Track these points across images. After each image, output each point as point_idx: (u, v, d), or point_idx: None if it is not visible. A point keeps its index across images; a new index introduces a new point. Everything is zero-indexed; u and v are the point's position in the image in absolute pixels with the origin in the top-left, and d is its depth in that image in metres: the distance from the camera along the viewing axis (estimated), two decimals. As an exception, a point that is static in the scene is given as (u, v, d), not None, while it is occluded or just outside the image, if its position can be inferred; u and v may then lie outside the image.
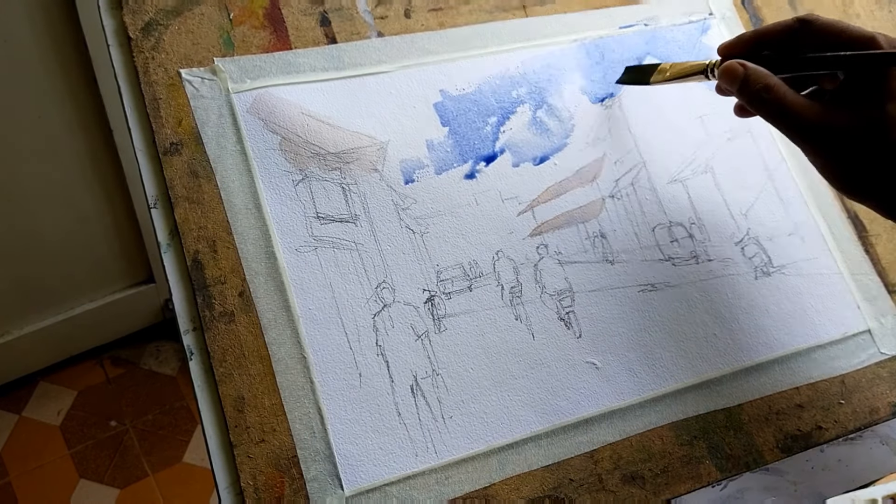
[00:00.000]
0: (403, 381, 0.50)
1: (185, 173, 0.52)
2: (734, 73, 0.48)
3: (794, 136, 0.47)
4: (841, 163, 0.46)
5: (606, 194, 0.58)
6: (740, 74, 0.48)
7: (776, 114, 0.47)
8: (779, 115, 0.47)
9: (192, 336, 0.49)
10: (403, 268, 0.53)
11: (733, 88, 0.48)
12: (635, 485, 0.51)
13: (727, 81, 0.49)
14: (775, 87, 0.46)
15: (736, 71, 0.48)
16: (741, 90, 0.48)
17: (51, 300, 1.30)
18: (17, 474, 1.32)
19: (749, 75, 0.47)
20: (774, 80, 0.47)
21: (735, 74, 0.48)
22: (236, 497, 0.46)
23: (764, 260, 0.59)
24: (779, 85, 0.47)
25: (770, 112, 0.47)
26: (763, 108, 0.47)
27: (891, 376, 0.57)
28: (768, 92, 0.46)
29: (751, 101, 0.48)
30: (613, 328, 0.54)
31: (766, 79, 0.47)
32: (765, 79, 0.47)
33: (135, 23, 0.54)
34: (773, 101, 0.46)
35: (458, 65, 0.59)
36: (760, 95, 0.47)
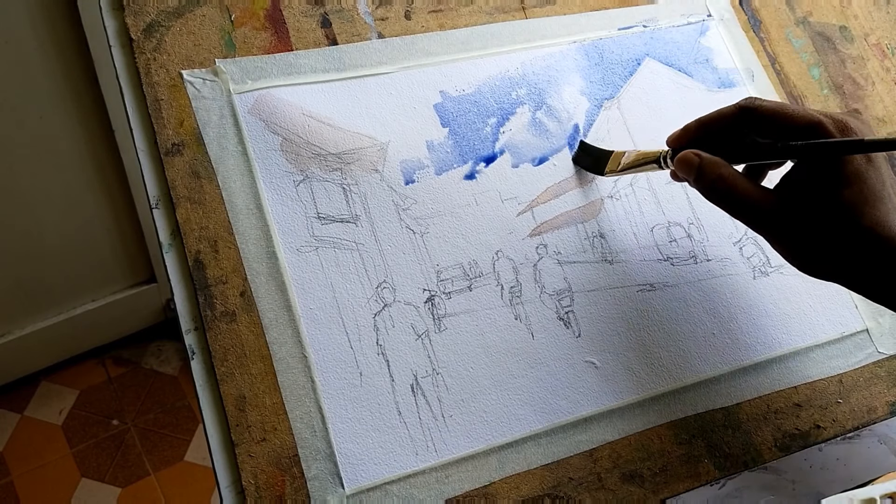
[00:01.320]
0: (404, 381, 0.50)
1: (187, 174, 0.52)
2: (689, 163, 0.48)
3: (751, 226, 0.47)
4: (800, 249, 0.46)
5: (605, 195, 0.58)
6: (695, 164, 0.48)
7: (731, 205, 0.47)
8: (734, 207, 0.47)
9: (194, 335, 0.49)
10: (404, 268, 0.53)
11: (689, 178, 0.49)
12: (634, 483, 0.51)
13: (683, 171, 0.49)
14: (729, 178, 0.47)
15: (691, 161, 0.48)
16: (697, 179, 0.48)
17: (52, 300, 1.30)
18: (18, 473, 1.32)
19: (703, 165, 0.48)
20: (728, 171, 0.47)
21: (690, 164, 0.48)
22: (237, 496, 0.46)
23: (762, 260, 0.59)
24: (733, 175, 0.47)
25: (725, 203, 0.47)
26: (717, 198, 0.47)
27: (888, 375, 0.57)
28: (722, 182, 0.47)
29: (706, 190, 0.48)
30: (612, 328, 0.55)
31: (718, 168, 0.47)
32: (718, 168, 0.47)
33: (136, 24, 0.54)
34: (726, 193, 0.47)
35: (457, 66, 0.59)
36: (714, 186, 0.47)
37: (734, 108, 0.49)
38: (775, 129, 0.47)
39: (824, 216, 0.45)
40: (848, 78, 0.67)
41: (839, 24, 0.68)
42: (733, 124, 0.49)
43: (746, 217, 0.47)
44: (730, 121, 0.49)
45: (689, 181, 0.49)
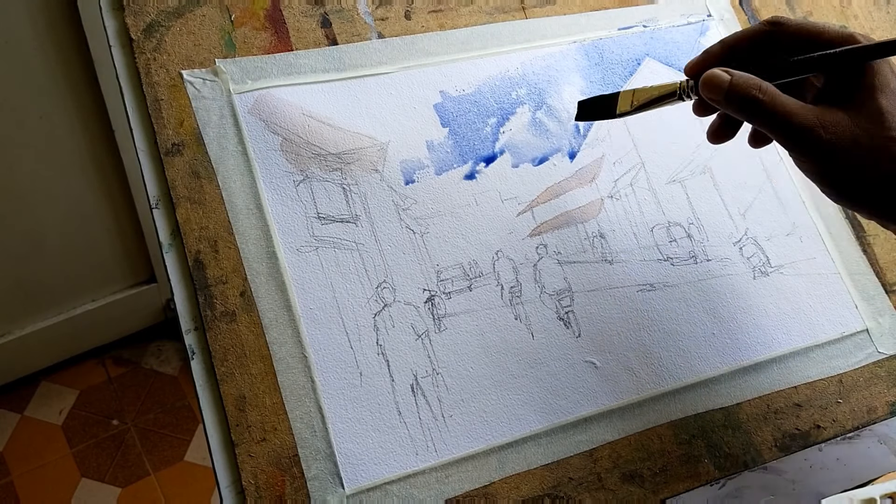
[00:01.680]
0: (404, 381, 0.50)
1: (187, 174, 0.52)
2: (718, 81, 0.45)
3: (790, 141, 0.44)
4: (838, 165, 0.44)
5: (605, 194, 0.58)
6: (725, 82, 0.44)
7: (771, 119, 0.44)
8: (773, 121, 0.44)
9: (194, 335, 0.49)
10: (404, 268, 0.53)
11: (719, 98, 0.45)
12: (634, 483, 0.51)
13: (711, 92, 0.45)
14: (767, 91, 0.43)
15: (720, 78, 0.44)
16: (729, 98, 0.44)
17: (53, 300, 1.30)
18: (19, 473, 1.32)
19: (735, 82, 0.44)
20: (765, 84, 0.44)
21: (719, 83, 0.44)
22: (237, 496, 0.46)
23: (762, 260, 0.59)
24: (770, 88, 0.44)
25: (764, 118, 0.44)
26: (755, 114, 0.44)
27: (888, 375, 0.57)
28: (761, 92, 0.44)
29: (741, 108, 0.44)
30: (612, 328, 0.55)
31: (756, 81, 0.44)
32: (755, 81, 0.44)
33: (136, 24, 0.54)
34: (766, 103, 0.43)
35: (457, 66, 0.59)
36: (753, 97, 0.44)
37: (761, 26, 0.46)
38: (803, 47, 0.45)
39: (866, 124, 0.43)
40: (848, 78, 0.67)
41: (839, 24, 0.68)
42: (760, 45, 0.46)
43: (787, 131, 0.43)
44: (756, 39, 0.46)
45: (719, 102, 0.45)
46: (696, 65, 0.48)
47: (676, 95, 0.48)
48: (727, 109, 0.45)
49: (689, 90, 0.47)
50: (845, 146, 0.43)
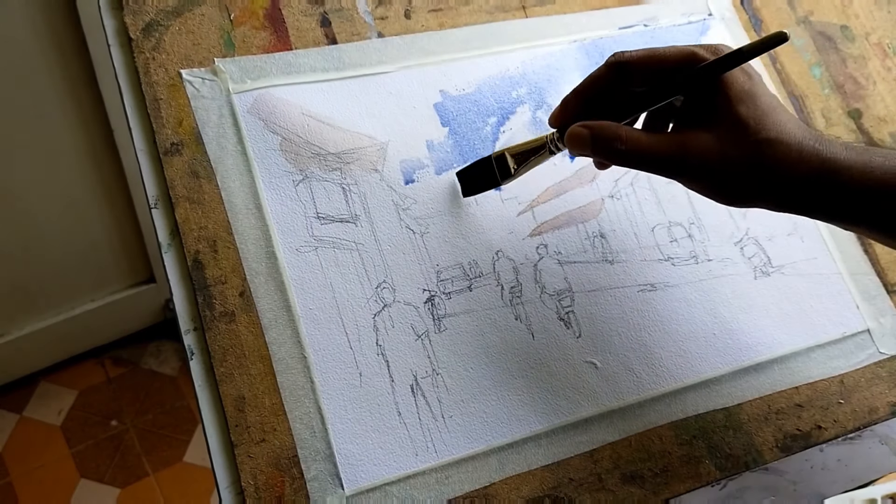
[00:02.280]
0: (403, 381, 0.50)
1: (186, 173, 0.52)
2: (580, 137, 0.46)
3: (664, 173, 0.46)
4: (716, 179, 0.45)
5: (606, 194, 0.58)
6: (586, 136, 0.46)
7: (637, 160, 0.45)
8: (640, 161, 0.45)
9: (193, 336, 0.49)
10: (403, 268, 0.53)
11: (586, 152, 0.46)
12: (635, 484, 0.51)
13: (576, 147, 0.46)
14: (626, 136, 0.45)
15: (581, 135, 0.46)
16: (594, 150, 0.46)
17: (51, 300, 1.30)
18: (17, 474, 1.32)
19: (595, 134, 0.45)
20: (623, 130, 0.45)
21: (581, 138, 0.46)
22: (237, 496, 0.46)
23: (763, 260, 0.59)
24: (629, 131, 0.45)
25: (630, 161, 0.45)
26: (622, 159, 0.46)
27: (890, 376, 0.57)
28: (621, 143, 0.45)
29: (608, 157, 0.46)
30: (613, 328, 0.54)
31: (614, 131, 0.45)
32: (613, 131, 0.45)
33: (135, 23, 0.54)
34: (629, 151, 0.45)
35: (457, 65, 0.59)
36: (614, 149, 0.45)
37: (603, 67, 0.47)
38: (651, 76, 0.46)
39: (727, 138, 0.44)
40: (849, 77, 0.67)
41: (840, 24, 0.68)
42: (610, 84, 0.47)
43: (656, 166, 0.45)
44: (605, 81, 0.47)
45: (588, 155, 0.47)
46: (557, 116, 0.49)
47: (547, 149, 0.50)
48: (597, 158, 0.47)
49: (556, 142, 0.49)
50: (716, 162, 0.44)
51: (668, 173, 0.46)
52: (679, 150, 0.44)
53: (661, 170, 0.46)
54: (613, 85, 0.47)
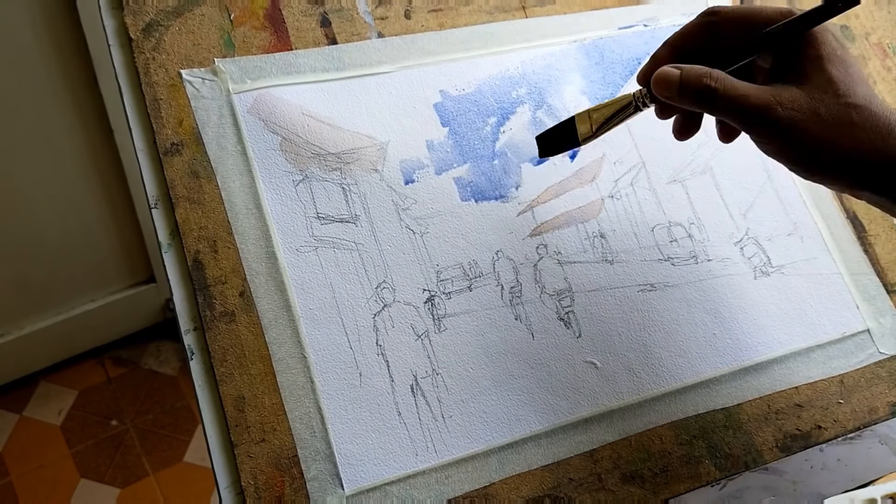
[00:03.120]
0: (403, 381, 0.50)
1: (186, 173, 0.52)
2: (669, 78, 0.45)
3: (749, 123, 0.44)
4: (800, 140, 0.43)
5: (606, 194, 0.58)
6: (675, 76, 0.44)
7: (726, 105, 0.44)
8: (729, 106, 0.44)
9: (193, 336, 0.49)
10: (403, 268, 0.53)
11: (672, 94, 0.45)
12: (635, 484, 0.51)
13: (664, 89, 0.45)
14: (718, 78, 0.43)
15: (670, 74, 0.45)
16: (682, 92, 0.44)
17: (52, 300, 1.30)
18: (18, 474, 1.32)
19: (685, 74, 0.44)
20: (714, 72, 0.44)
21: (670, 79, 0.45)
22: (237, 496, 0.46)
23: (763, 260, 0.59)
24: (720, 74, 0.44)
25: (719, 105, 0.44)
26: (710, 102, 0.44)
27: (890, 376, 0.57)
28: (712, 80, 0.44)
29: (696, 99, 0.44)
30: (613, 328, 0.54)
31: (705, 70, 0.44)
32: (704, 70, 0.44)
33: (136, 23, 0.54)
34: (719, 90, 0.43)
35: (457, 65, 0.59)
36: (705, 86, 0.43)
37: (699, 18, 0.46)
38: (744, 32, 0.45)
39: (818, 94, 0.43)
40: (849, 77, 0.67)
41: (840, 24, 0.68)
42: (703, 38, 0.46)
43: (743, 114, 0.43)
44: (696, 35, 0.47)
45: (673, 97, 0.45)
46: (647, 72, 0.48)
47: (633, 106, 0.48)
48: (682, 103, 0.45)
49: (644, 98, 0.47)
50: (805, 120, 0.43)
51: (752, 124, 0.44)
52: (770, 99, 0.43)
53: (747, 118, 0.44)
54: (705, 38, 0.46)
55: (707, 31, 0.46)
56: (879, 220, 0.62)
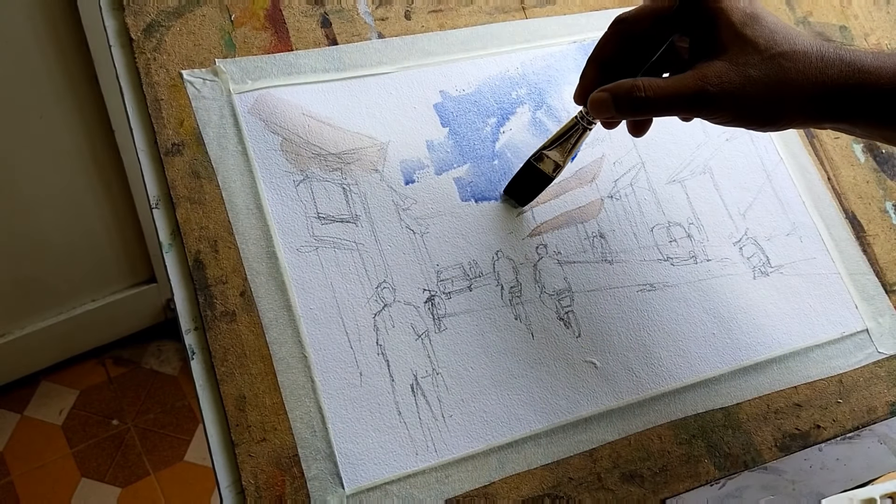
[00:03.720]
0: (404, 381, 0.50)
1: (187, 174, 0.52)
2: (601, 101, 0.47)
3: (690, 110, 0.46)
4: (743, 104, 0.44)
5: (605, 195, 0.58)
6: (607, 98, 0.46)
7: (661, 104, 0.45)
8: (664, 104, 0.45)
9: (194, 335, 0.49)
10: (404, 268, 0.53)
11: (611, 112, 0.47)
12: (634, 483, 0.51)
13: (601, 111, 0.47)
14: (644, 84, 0.45)
15: (601, 98, 0.47)
16: (618, 108, 0.46)
17: (53, 300, 1.30)
18: (18, 473, 1.32)
19: (615, 93, 0.46)
20: (640, 80, 0.46)
21: (603, 101, 0.47)
22: (237, 496, 0.46)
23: (762, 260, 0.59)
24: (646, 80, 0.45)
25: (654, 106, 0.45)
26: (646, 107, 0.46)
27: (888, 375, 0.57)
28: (640, 90, 0.45)
29: (632, 110, 0.46)
30: (612, 328, 0.55)
31: (631, 83, 0.46)
32: (630, 83, 0.46)
33: (136, 24, 0.54)
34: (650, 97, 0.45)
35: (457, 66, 0.59)
36: (636, 98, 0.45)
37: (610, 30, 0.48)
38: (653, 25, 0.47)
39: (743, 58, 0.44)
40: (848, 78, 0.67)
41: (839, 24, 0.68)
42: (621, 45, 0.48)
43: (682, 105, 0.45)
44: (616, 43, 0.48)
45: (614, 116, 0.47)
46: (581, 93, 0.50)
47: (581, 127, 0.51)
48: (624, 117, 0.48)
49: (588, 117, 0.50)
50: (739, 86, 0.44)
51: (693, 109, 0.46)
52: (698, 82, 0.44)
53: (685, 107, 0.45)
54: (623, 45, 0.48)
55: (622, 38, 0.48)
56: (878, 220, 0.62)
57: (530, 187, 0.55)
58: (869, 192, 0.63)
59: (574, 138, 0.52)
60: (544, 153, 0.53)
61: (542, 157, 0.54)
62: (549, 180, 0.54)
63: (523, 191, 0.55)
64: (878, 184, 0.64)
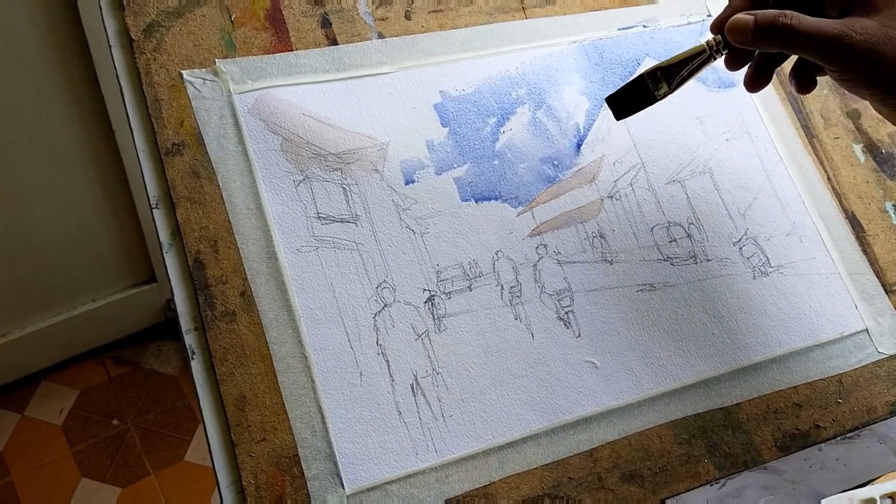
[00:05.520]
0: (404, 380, 0.50)
1: (187, 174, 0.52)
2: (744, 22, 0.46)
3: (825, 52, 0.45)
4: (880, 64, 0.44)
5: (605, 195, 0.59)
6: (749, 22, 0.46)
7: (802, 37, 0.45)
8: (804, 39, 0.45)
9: (194, 335, 0.49)
10: (404, 268, 0.53)
11: (747, 38, 0.46)
12: (634, 483, 0.51)
13: (739, 34, 0.47)
14: (792, 15, 0.45)
15: (744, 20, 0.46)
16: (757, 34, 0.46)
17: (53, 300, 1.30)
18: (19, 473, 1.32)
19: (760, 18, 0.46)
20: (788, 11, 0.46)
21: (745, 23, 0.46)
22: (238, 496, 0.46)
23: (762, 260, 0.59)
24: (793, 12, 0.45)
25: (795, 39, 0.45)
26: (786, 39, 0.45)
27: (888, 375, 0.58)
28: (786, 17, 0.45)
29: (771, 38, 0.46)
30: (612, 328, 0.55)
31: (779, 11, 0.46)
32: (777, 11, 0.46)
33: (136, 24, 0.54)
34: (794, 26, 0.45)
35: (458, 66, 0.59)
36: (780, 24, 0.45)
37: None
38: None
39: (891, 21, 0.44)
40: (848, 78, 0.67)
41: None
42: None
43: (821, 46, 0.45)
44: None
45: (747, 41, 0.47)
46: (721, 20, 0.49)
47: (707, 55, 0.49)
48: (758, 46, 0.47)
49: (717, 46, 0.49)
50: (879, 42, 0.44)
51: (829, 53, 0.45)
52: (844, 27, 0.45)
53: (824, 48, 0.45)
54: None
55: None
56: (878, 220, 0.62)
57: (634, 102, 0.53)
58: (869, 192, 0.63)
59: (695, 65, 0.50)
60: (659, 70, 0.51)
61: (656, 76, 0.51)
62: (655, 101, 0.52)
63: (626, 104, 0.53)
64: (878, 184, 0.64)
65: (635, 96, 0.52)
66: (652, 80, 0.51)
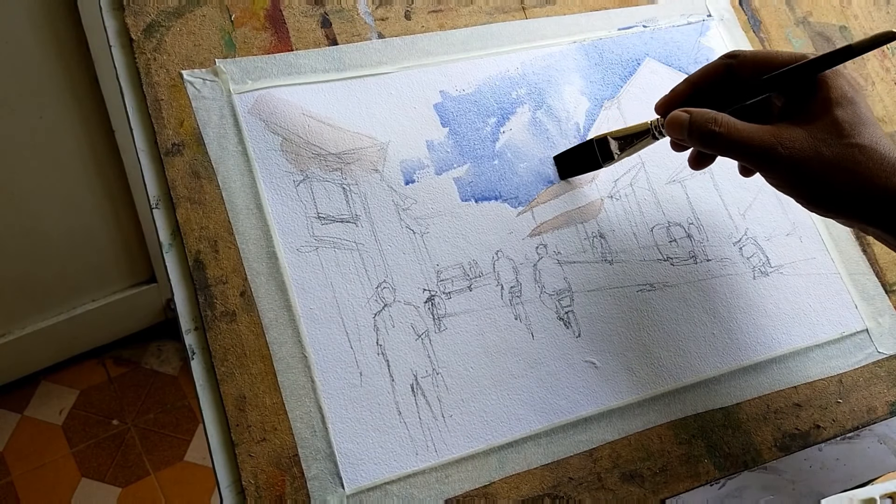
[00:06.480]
0: (404, 380, 0.50)
1: (187, 174, 0.52)
2: (679, 120, 0.48)
3: (754, 162, 0.46)
4: (806, 177, 0.45)
5: (605, 195, 0.59)
6: (685, 120, 0.48)
7: (730, 145, 0.46)
8: (733, 146, 0.46)
9: (194, 335, 0.49)
10: (404, 268, 0.53)
11: (683, 136, 0.48)
12: (634, 483, 0.51)
13: (675, 131, 0.48)
14: (723, 122, 0.46)
15: (680, 118, 0.48)
16: (690, 134, 0.47)
17: (53, 300, 1.30)
18: (19, 473, 1.32)
19: (693, 119, 0.47)
20: (720, 116, 0.47)
21: (680, 121, 0.48)
22: (237, 496, 0.46)
23: (762, 260, 0.59)
24: (725, 117, 0.47)
25: (723, 145, 0.46)
26: (715, 143, 0.47)
27: (888, 375, 0.58)
28: (717, 125, 0.46)
29: (702, 141, 0.47)
30: (612, 328, 0.55)
31: (711, 115, 0.47)
32: (710, 115, 0.47)
33: (136, 24, 0.54)
34: (723, 134, 0.46)
35: (457, 66, 0.59)
36: (710, 131, 0.46)
37: (720, 60, 0.49)
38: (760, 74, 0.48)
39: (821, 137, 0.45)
40: (848, 78, 0.67)
41: (839, 24, 0.69)
42: (721, 78, 0.49)
43: (747, 153, 0.46)
44: (717, 74, 0.49)
45: (683, 139, 0.48)
46: (664, 103, 0.51)
47: (650, 134, 0.52)
48: (691, 145, 0.49)
49: (660, 127, 0.51)
50: (807, 158, 0.45)
51: (757, 163, 0.46)
52: (772, 140, 0.45)
53: (751, 158, 0.46)
54: (723, 79, 0.49)
55: (726, 72, 0.49)
56: (878, 220, 0.62)
57: (579, 164, 0.56)
58: (869, 192, 0.63)
59: (639, 141, 0.53)
60: (609, 139, 0.53)
61: (605, 143, 0.54)
62: (599, 167, 0.55)
63: (572, 165, 0.56)
64: (878, 184, 0.64)
65: (582, 160, 0.55)
66: (600, 147, 0.54)
